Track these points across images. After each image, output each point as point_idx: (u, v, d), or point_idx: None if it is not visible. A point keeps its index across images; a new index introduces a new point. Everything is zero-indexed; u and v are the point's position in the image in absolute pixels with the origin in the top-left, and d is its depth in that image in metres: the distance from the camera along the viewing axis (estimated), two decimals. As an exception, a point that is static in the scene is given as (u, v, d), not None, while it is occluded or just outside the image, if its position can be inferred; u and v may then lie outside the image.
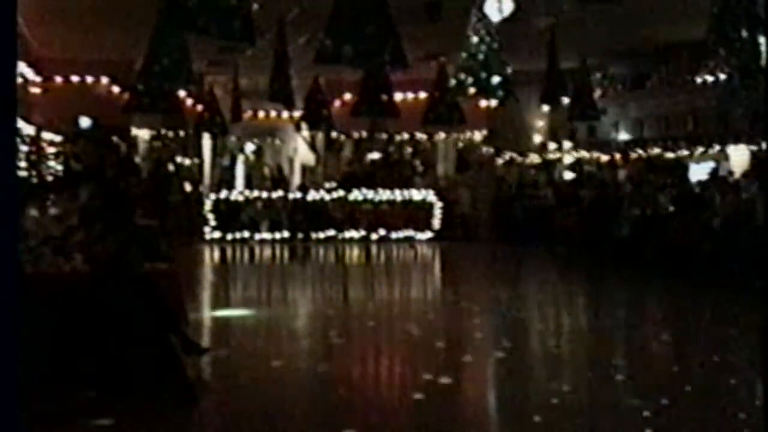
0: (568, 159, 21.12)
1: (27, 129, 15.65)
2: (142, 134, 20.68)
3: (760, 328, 7.86)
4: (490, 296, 11.66)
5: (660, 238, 13.32)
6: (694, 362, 7.46)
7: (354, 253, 16.98)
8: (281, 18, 12.90)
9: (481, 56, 10.99)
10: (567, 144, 21.30)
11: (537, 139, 22.09)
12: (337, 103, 20.30)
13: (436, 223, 18.75)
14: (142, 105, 14.20)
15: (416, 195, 18.87)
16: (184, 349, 6.33)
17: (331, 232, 18.24)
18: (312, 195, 18.60)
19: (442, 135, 21.49)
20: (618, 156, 18.90)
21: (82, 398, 5.71)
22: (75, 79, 19.03)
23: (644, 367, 7.19)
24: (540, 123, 21.97)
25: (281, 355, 7.55)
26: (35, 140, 16.39)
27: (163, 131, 20.64)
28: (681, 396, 6.08)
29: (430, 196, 18.88)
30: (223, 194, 18.43)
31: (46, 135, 17.10)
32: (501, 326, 9.29)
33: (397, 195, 18.74)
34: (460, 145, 21.91)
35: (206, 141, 21.85)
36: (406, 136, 22.07)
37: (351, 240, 18.11)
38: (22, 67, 15.84)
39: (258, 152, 24.33)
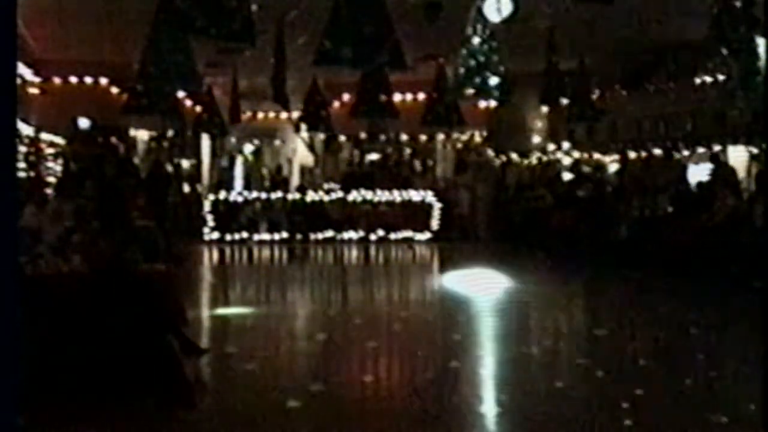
0: (566, 160, 21.11)
1: (26, 130, 15.63)
2: (141, 135, 20.68)
3: (759, 328, 7.86)
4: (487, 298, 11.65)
5: (659, 239, 13.33)
6: (690, 362, 7.46)
7: (353, 254, 16.97)
8: (280, 19, 12.90)
9: (479, 57, 10.99)
10: (566, 145, 21.30)
11: (536, 139, 22.09)
12: (336, 103, 20.30)
13: (435, 223, 18.75)
14: (141, 106, 14.17)
15: (415, 196, 18.86)
16: (182, 349, 6.33)
17: (330, 233, 18.23)
18: (311, 196, 18.59)
19: (441, 136, 21.50)
20: (617, 156, 18.92)
21: (81, 399, 5.71)
22: (73, 79, 19.02)
23: (639, 364, 7.20)
24: (539, 124, 21.97)
25: (280, 356, 7.56)
26: (34, 141, 16.37)
27: (161, 132, 20.64)
28: (679, 393, 6.08)
29: (429, 196, 18.88)
30: (222, 195, 18.41)
31: (45, 136, 17.08)
32: (497, 327, 9.29)
33: (396, 196, 18.73)
34: (459, 145, 21.92)
35: (205, 142, 21.87)
36: (405, 137, 22.08)
37: (350, 241, 18.11)
38: (21, 68, 15.83)
39: (257, 153, 24.34)
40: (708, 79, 15.91)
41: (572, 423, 5.54)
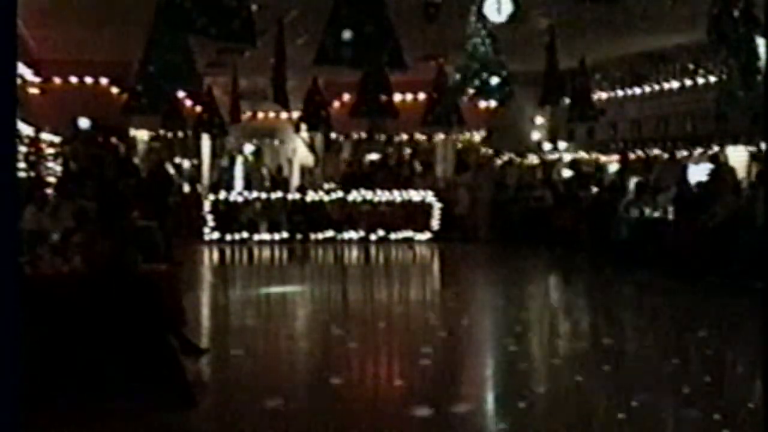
0: (566, 159, 21.12)
1: (26, 130, 15.63)
2: (141, 135, 20.68)
3: (760, 328, 7.86)
4: (487, 297, 11.66)
5: (659, 239, 13.33)
6: (692, 362, 7.46)
7: (353, 254, 16.97)
8: (280, 19, 12.89)
9: (480, 57, 10.98)
10: (565, 145, 21.29)
11: (536, 139, 22.08)
12: (336, 103, 20.29)
13: (435, 223, 18.75)
14: (141, 106, 14.17)
15: (415, 196, 18.86)
16: (182, 349, 6.33)
17: (330, 233, 18.23)
18: (311, 196, 18.59)
19: (441, 136, 21.50)
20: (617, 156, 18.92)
21: (81, 399, 5.71)
22: (74, 79, 19.02)
23: (642, 363, 7.21)
24: (539, 124, 21.97)
25: (280, 356, 7.55)
26: (34, 141, 16.37)
27: (162, 132, 20.64)
28: (678, 395, 6.09)
29: (429, 196, 18.88)
30: (222, 195, 18.41)
31: (45, 136, 17.08)
32: (494, 326, 9.30)
33: (396, 196, 18.73)
34: (459, 146, 21.91)
35: (205, 142, 21.86)
36: (405, 137, 22.07)
37: (350, 241, 18.11)
38: (21, 68, 15.82)
39: (257, 153, 24.32)
40: (708, 79, 15.91)
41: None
